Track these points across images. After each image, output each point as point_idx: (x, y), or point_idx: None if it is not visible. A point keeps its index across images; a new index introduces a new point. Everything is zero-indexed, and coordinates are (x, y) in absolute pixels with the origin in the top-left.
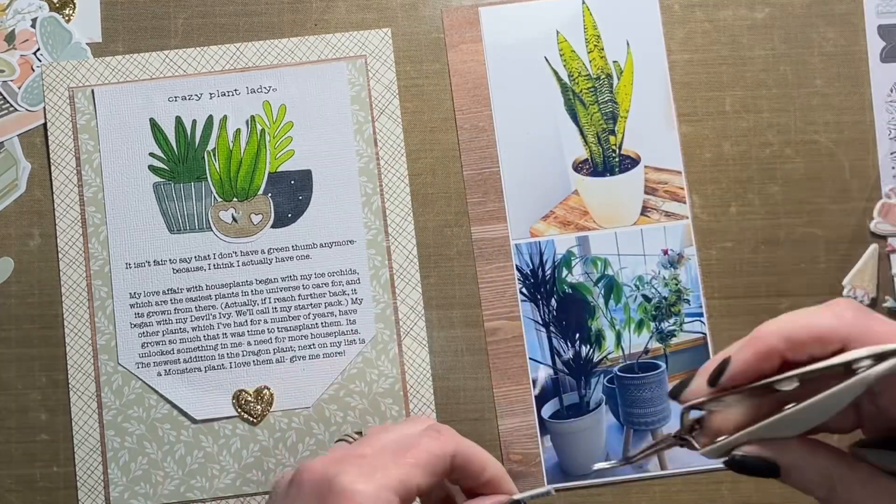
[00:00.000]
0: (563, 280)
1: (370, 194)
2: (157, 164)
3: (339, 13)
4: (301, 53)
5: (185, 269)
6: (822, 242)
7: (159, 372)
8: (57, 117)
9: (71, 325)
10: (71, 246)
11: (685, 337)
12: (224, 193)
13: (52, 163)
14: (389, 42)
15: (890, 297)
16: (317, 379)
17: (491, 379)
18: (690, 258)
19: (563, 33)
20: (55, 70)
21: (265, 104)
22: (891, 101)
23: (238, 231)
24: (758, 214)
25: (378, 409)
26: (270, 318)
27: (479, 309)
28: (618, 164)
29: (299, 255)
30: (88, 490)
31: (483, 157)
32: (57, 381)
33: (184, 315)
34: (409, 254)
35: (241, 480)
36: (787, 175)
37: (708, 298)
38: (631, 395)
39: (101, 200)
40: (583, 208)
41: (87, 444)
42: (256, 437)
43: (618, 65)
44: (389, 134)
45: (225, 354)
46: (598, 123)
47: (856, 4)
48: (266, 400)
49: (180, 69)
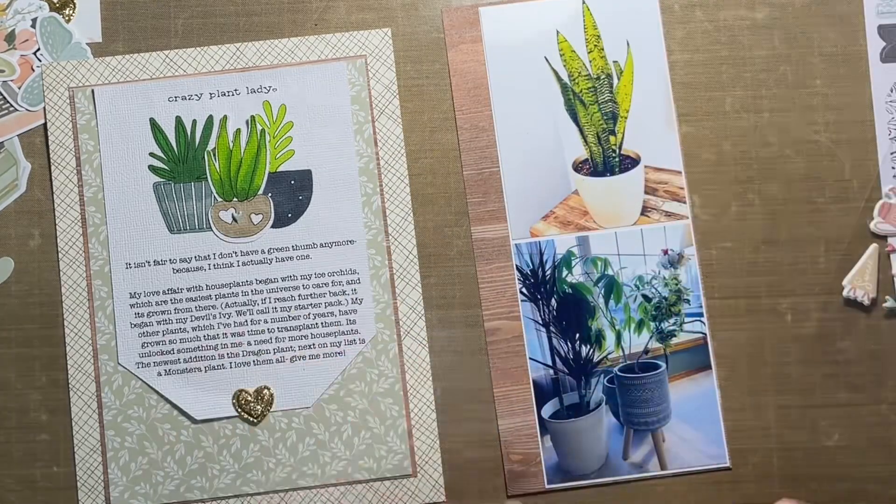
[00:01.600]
0: (564, 280)
1: (370, 194)
2: (157, 164)
3: (339, 13)
4: (301, 53)
5: (185, 269)
6: (822, 242)
7: (159, 372)
8: (57, 117)
9: (71, 325)
10: (71, 246)
11: (685, 337)
12: (224, 193)
13: (52, 163)
14: (389, 42)
15: (890, 297)
16: (317, 379)
17: (491, 379)
18: (690, 258)
19: (563, 33)
20: (55, 70)
21: (265, 104)
22: (891, 101)
23: (238, 231)
24: (758, 214)
25: (378, 409)
26: (270, 318)
27: (479, 309)
28: (618, 164)
29: (299, 255)
30: (88, 490)
31: (483, 157)
32: (57, 381)
33: (184, 315)
34: (409, 254)
35: (241, 480)
36: (787, 175)
37: (708, 298)
38: (631, 395)
39: (101, 200)
40: (583, 208)
41: (87, 444)
42: (256, 437)
43: (618, 65)
44: (389, 134)
45: (225, 354)
46: (599, 123)
47: (856, 4)
48: (266, 400)
49: (180, 69)
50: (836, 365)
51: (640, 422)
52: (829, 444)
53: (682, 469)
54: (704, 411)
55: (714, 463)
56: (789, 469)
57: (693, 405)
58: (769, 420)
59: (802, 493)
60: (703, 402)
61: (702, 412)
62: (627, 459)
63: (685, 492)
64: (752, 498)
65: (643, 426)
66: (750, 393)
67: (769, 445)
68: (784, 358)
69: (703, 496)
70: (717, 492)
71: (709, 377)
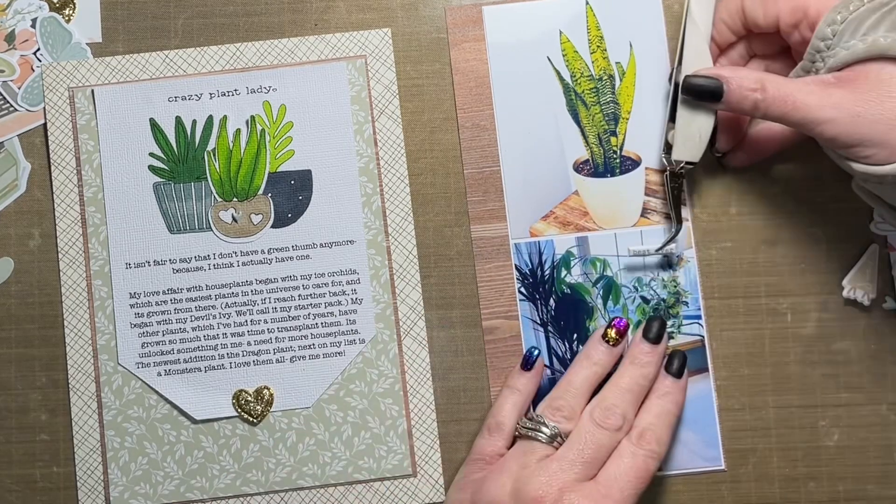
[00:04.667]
0: (562, 280)
1: (370, 194)
2: (157, 164)
3: (339, 13)
4: (301, 53)
5: (185, 269)
6: (822, 242)
7: (159, 372)
8: (57, 117)
9: (71, 325)
10: (71, 246)
11: (683, 339)
12: (224, 193)
13: (52, 163)
14: (389, 42)
15: (890, 297)
16: (317, 379)
17: (488, 378)
18: (690, 260)
19: (566, 33)
20: (55, 70)
21: (265, 104)
22: None
23: (238, 231)
24: (758, 214)
25: (378, 409)
26: (270, 318)
27: (478, 309)
28: (619, 166)
29: (299, 255)
30: (88, 490)
31: (484, 156)
32: (57, 381)
33: (184, 315)
34: (409, 254)
35: (241, 480)
36: (787, 175)
37: (707, 298)
38: None
39: (101, 200)
40: (583, 209)
41: (87, 444)
42: (256, 437)
43: (620, 66)
44: (389, 134)
45: (225, 354)
46: (600, 124)
47: None
48: (266, 400)
49: (180, 69)
50: (836, 365)
51: None
52: (829, 444)
53: (677, 471)
54: (700, 413)
55: (709, 465)
56: (789, 469)
57: (689, 407)
58: (769, 420)
59: (802, 493)
60: (699, 404)
61: (698, 414)
62: None
63: (685, 492)
64: (751, 498)
65: None
66: (749, 393)
67: (769, 445)
68: (783, 358)
69: (702, 496)
70: (716, 491)
71: (706, 380)
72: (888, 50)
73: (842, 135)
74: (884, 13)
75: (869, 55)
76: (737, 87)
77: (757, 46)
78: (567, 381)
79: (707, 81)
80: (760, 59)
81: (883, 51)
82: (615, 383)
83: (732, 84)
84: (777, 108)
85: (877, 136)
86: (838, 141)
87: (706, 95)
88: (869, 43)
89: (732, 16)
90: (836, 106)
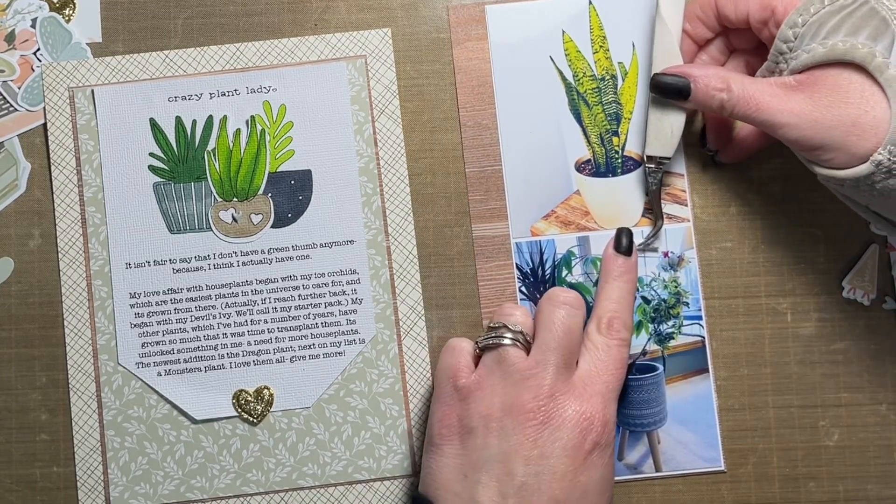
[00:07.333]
0: (563, 280)
1: (370, 194)
2: (157, 164)
3: (339, 13)
4: (301, 53)
5: (185, 269)
6: (822, 242)
7: (159, 372)
8: (57, 117)
9: (71, 325)
10: (71, 246)
11: (683, 340)
12: (224, 193)
13: (52, 163)
14: (389, 42)
15: (890, 297)
16: (317, 379)
17: None
18: (691, 261)
19: (568, 33)
20: (55, 70)
21: (265, 104)
22: None
23: (238, 231)
24: (758, 214)
25: (378, 409)
26: (270, 318)
27: (479, 309)
28: (620, 166)
29: (299, 255)
30: (88, 490)
31: (486, 155)
32: (57, 381)
33: (184, 315)
34: (409, 254)
35: (241, 480)
36: (787, 175)
37: (707, 298)
38: (628, 396)
39: (101, 200)
40: (584, 208)
41: (87, 444)
42: (256, 437)
43: (623, 66)
44: (389, 134)
45: (225, 354)
46: (602, 124)
47: None
48: (266, 400)
49: (180, 69)
50: (836, 365)
51: (636, 423)
52: (829, 444)
53: (677, 471)
54: (700, 414)
55: (709, 466)
56: (789, 469)
57: (689, 408)
58: (769, 420)
59: (802, 493)
60: (699, 404)
61: (698, 415)
62: (622, 460)
63: (685, 492)
64: (751, 498)
65: (639, 427)
66: (749, 393)
67: (769, 445)
68: (783, 358)
69: (702, 496)
70: (716, 491)
71: (706, 380)
72: (846, 55)
73: (802, 139)
74: (843, 16)
75: (828, 59)
76: (703, 85)
77: (736, 41)
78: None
79: (674, 80)
80: (741, 54)
81: (840, 56)
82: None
83: (700, 83)
84: (741, 109)
85: (835, 142)
86: (799, 144)
87: (673, 93)
88: (828, 47)
89: (706, 11)
90: (796, 110)
